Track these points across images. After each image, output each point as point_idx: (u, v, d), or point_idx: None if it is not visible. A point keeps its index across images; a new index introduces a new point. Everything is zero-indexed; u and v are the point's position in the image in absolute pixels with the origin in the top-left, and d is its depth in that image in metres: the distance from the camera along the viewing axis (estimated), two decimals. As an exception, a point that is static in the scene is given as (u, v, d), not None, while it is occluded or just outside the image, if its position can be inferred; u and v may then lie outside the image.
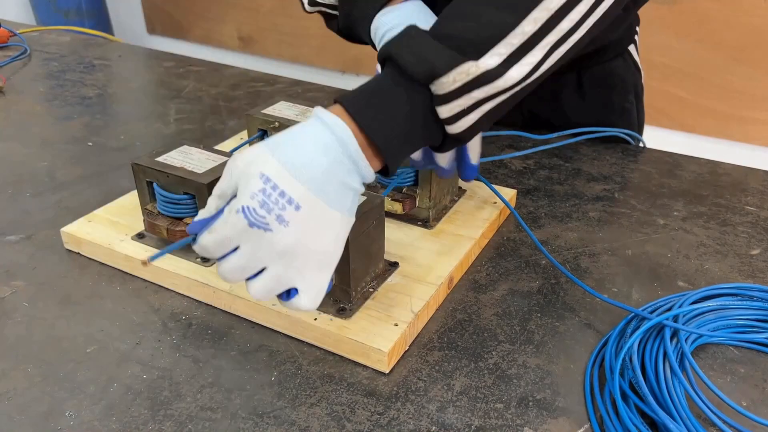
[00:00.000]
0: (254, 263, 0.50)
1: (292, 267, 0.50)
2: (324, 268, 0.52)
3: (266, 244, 0.48)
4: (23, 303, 0.66)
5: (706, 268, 0.72)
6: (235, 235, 0.49)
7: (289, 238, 0.48)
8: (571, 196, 0.86)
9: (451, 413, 0.54)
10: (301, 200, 0.48)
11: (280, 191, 0.48)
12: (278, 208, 0.48)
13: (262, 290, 0.51)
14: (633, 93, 1.03)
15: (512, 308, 0.66)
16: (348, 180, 0.51)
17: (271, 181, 0.48)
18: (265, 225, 0.48)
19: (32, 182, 0.89)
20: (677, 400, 0.51)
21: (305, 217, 0.49)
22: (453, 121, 0.54)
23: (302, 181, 0.48)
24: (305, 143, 0.50)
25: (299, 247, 0.49)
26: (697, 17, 2.04)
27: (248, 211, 0.48)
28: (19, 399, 0.55)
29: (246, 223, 0.48)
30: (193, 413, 0.54)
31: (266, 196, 0.48)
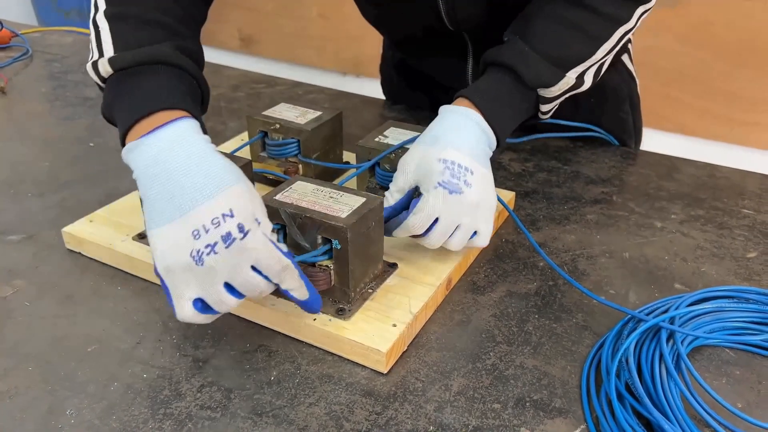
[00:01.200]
0: (452, 224, 0.65)
1: (476, 217, 0.66)
2: (493, 211, 0.69)
3: (461, 204, 0.65)
4: (25, 303, 0.66)
5: (703, 271, 0.72)
6: (438, 205, 0.64)
7: (475, 194, 0.65)
8: (570, 198, 0.87)
9: (448, 413, 0.54)
10: (472, 167, 0.66)
11: (458, 164, 0.65)
12: (462, 175, 0.65)
13: (459, 243, 0.67)
14: (628, 103, 1.04)
15: (510, 310, 0.66)
16: (486, 148, 0.70)
17: (448, 161, 0.65)
18: (458, 189, 0.64)
19: (34, 182, 0.89)
20: (673, 402, 0.52)
21: (478, 177, 0.66)
22: (547, 113, 0.78)
23: (467, 154, 0.66)
24: (455, 130, 0.68)
25: (481, 199, 0.66)
26: (697, 21, 2.04)
27: (445, 183, 0.64)
28: (21, 398, 0.55)
29: (446, 191, 0.64)
30: (192, 412, 0.54)
31: (452, 170, 0.65)
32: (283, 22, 2.93)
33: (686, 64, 2.11)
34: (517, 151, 0.99)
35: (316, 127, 0.80)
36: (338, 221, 0.59)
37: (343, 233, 0.59)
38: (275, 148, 0.82)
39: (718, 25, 2.02)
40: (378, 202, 0.63)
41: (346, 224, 0.59)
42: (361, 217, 0.60)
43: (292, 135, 0.81)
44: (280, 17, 2.92)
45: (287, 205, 0.61)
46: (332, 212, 0.60)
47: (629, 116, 1.05)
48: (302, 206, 0.61)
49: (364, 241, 0.62)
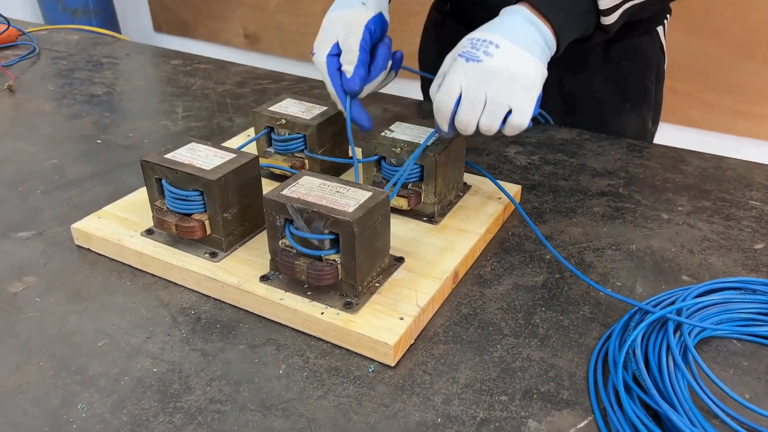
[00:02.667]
0: (477, 96, 0.66)
1: (503, 87, 0.65)
2: (529, 90, 0.67)
3: (479, 71, 0.65)
4: (35, 298, 0.67)
5: (710, 263, 0.72)
6: (456, 75, 0.66)
7: (495, 63, 0.65)
8: (576, 191, 0.86)
9: (456, 405, 0.54)
10: (499, 42, 0.66)
11: (482, 39, 0.66)
12: (483, 47, 0.66)
13: (489, 120, 0.67)
14: (654, 73, 1.05)
15: (517, 302, 0.66)
16: (534, 37, 0.68)
17: (474, 38, 0.67)
18: (476, 57, 0.65)
19: (42, 180, 0.90)
20: (680, 393, 0.52)
21: (504, 51, 0.66)
22: (608, 12, 0.73)
23: (496, 32, 0.67)
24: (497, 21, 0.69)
25: (504, 70, 0.65)
26: (702, 12, 2.03)
27: (463, 53, 0.66)
28: (33, 392, 0.56)
29: (463, 60, 0.66)
30: (202, 406, 0.54)
31: (473, 43, 0.67)
32: (288, 19, 2.93)
33: (692, 57, 2.10)
34: (523, 144, 0.99)
35: (322, 122, 0.80)
36: (345, 215, 0.59)
37: (350, 227, 0.59)
38: (281, 143, 0.82)
39: (724, 17, 2.01)
40: (384, 196, 0.63)
41: (352, 218, 0.59)
42: (367, 211, 0.60)
43: (298, 130, 0.81)
44: (284, 14, 2.92)
45: (294, 200, 0.61)
46: (339, 206, 0.60)
47: (653, 86, 1.06)
48: (309, 201, 0.61)
49: (371, 235, 0.62)
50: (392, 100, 1.17)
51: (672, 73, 2.14)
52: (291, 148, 0.82)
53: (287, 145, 0.82)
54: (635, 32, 1.00)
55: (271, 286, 0.64)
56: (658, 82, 1.06)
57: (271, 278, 0.65)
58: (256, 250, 0.70)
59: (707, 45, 2.07)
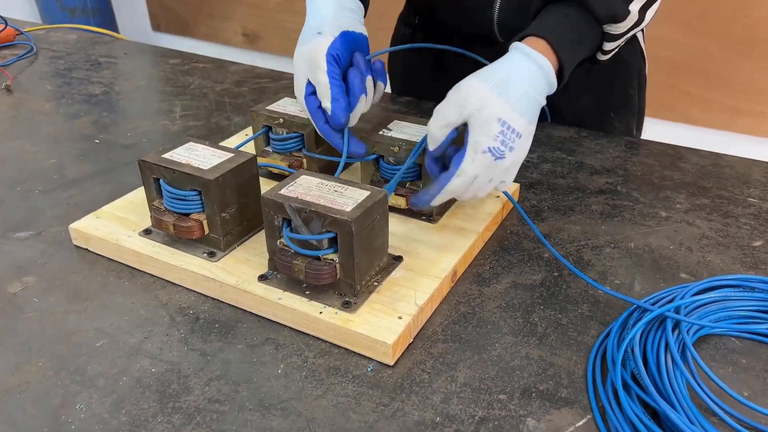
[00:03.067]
0: (488, 183, 0.66)
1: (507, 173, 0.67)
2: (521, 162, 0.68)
3: (499, 166, 0.65)
4: (34, 298, 0.67)
5: (709, 260, 0.72)
6: (481, 171, 0.64)
7: (514, 157, 0.65)
8: (574, 189, 0.87)
9: (455, 404, 0.55)
10: (522, 130, 0.65)
11: (512, 129, 0.64)
12: (510, 141, 0.64)
13: (482, 194, 0.67)
14: (636, 80, 1.05)
15: (515, 301, 0.66)
16: (542, 100, 0.68)
17: (506, 123, 0.64)
18: (502, 155, 0.64)
19: (41, 179, 0.90)
20: (678, 391, 0.52)
21: (524, 141, 0.66)
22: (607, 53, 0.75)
23: (523, 115, 0.65)
24: (521, 82, 0.66)
25: (517, 160, 0.66)
26: (701, 10, 2.03)
27: (494, 150, 0.64)
28: (32, 392, 0.56)
29: (492, 158, 0.64)
30: (201, 405, 0.55)
31: (505, 136, 0.64)
32: (287, 17, 2.93)
33: (691, 54, 2.10)
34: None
35: (320, 121, 0.80)
36: (343, 215, 0.59)
37: (348, 226, 0.59)
38: (279, 142, 0.82)
39: (723, 14, 2.01)
40: (382, 195, 0.63)
41: (350, 217, 0.59)
42: (365, 210, 0.60)
43: (296, 129, 0.81)
44: (283, 13, 2.92)
45: (292, 199, 0.62)
46: (337, 206, 0.61)
47: (635, 93, 1.06)
48: (307, 200, 0.61)
49: (369, 234, 0.62)
50: (389, 98, 1.17)
51: (670, 70, 2.15)
52: (289, 147, 0.82)
53: (285, 145, 0.82)
54: None
55: (269, 286, 0.64)
56: (640, 88, 1.07)
57: (269, 278, 0.66)
58: (255, 249, 0.70)
59: (706, 42, 2.07)
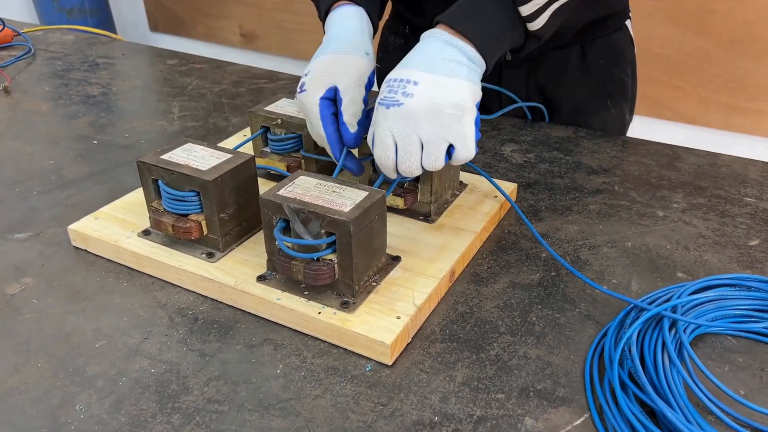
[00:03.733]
0: (409, 139, 0.62)
1: (434, 126, 0.62)
2: (461, 118, 0.62)
3: (403, 115, 0.62)
4: (32, 300, 0.67)
5: (705, 259, 0.73)
6: (383, 126, 0.63)
7: (417, 102, 0.62)
8: (572, 189, 0.87)
9: (453, 403, 0.55)
10: (416, 77, 0.63)
11: (399, 79, 0.63)
12: (401, 88, 0.62)
13: (431, 161, 0.63)
14: (630, 66, 1.07)
15: (513, 300, 0.66)
16: (455, 58, 0.64)
17: (391, 78, 0.64)
18: (396, 102, 0.62)
19: (39, 180, 0.90)
20: (676, 390, 0.52)
21: (424, 86, 0.62)
22: (532, 18, 0.68)
23: (412, 67, 0.64)
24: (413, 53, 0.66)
25: (428, 106, 0.61)
26: (697, 8, 2.04)
27: (382, 99, 0.63)
28: (31, 393, 0.56)
29: (384, 108, 0.63)
30: (200, 406, 0.55)
31: (390, 86, 0.63)
32: (285, 17, 2.93)
33: (687, 53, 2.11)
34: (518, 142, 1.00)
35: (318, 121, 0.80)
36: (341, 215, 0.59)
37: (346, 227, 0.59)
38: (277, 143, 0.83)
39: (719, 13, 2.01)
40: (380, 195, 0.63)
41: (349, 218, 0.59)
42: (363, 210, 0.61)
43: (294, 130, 0.81)
44: (280, 12, 2.92)
45: (290, 200, 0.62)
46: (335, 206, 0.61)
47: (630, 79, 1.07)
48: (305, 201, 0.62)
49: (367, 234, 0.62)
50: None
51: (666, 69, 2.16)
52: (287, 148, 0.83)
53: (283, 145, 0.82)
54: (606, 30, 1.01)
55: (268, 286, 0.65)
56: (633, 74, 1.08)
57: (268, 278, 0.66)
58: (253, 250, 0.70)
59: (703, 41, 2.07)
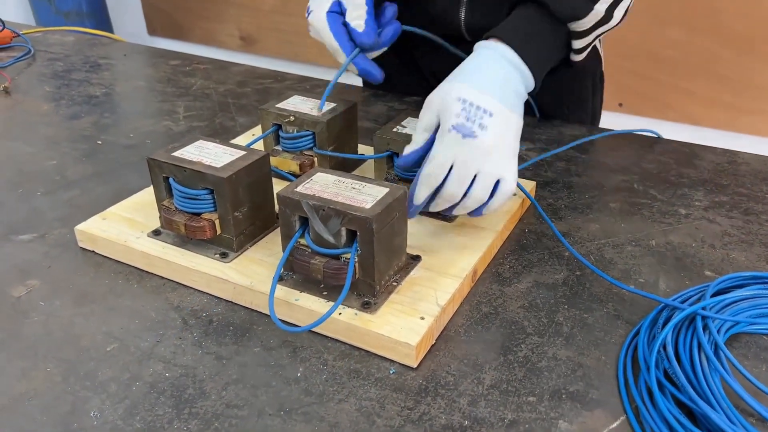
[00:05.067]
0: (468, 171, 0.63)
1: (495, 162, 0.63)
2: (513, 156, 0.65)
3: (475, 149, 0.62)
4: (39, 302, 0.65)
5: (733, 257, 0.71)
6: (450, 151, 0.62)
7: (490, 138, 0.62)
8: (591, 187, 0.85)
9: (483, 407, 0.53)
10: (492, 108, 0.63)
11: (476, 106, 0.63)
12: (478, 118, 0.62)
13: (480, 192, 0.64)
14: (591, 81, 1.06)
15: (538, 300, 0.64)
16: (519, 89, 0.67)
17: (467, 101, 0.63)
18: (472, 133, 0.62)
19: (42, 181, 0.87)
20: (716, 390, 0.50)
21: (497, 120, 0.63)
22: (580, 52, 0.75)
23: (489, 94, 0.63)
24: (483, 67, 0.66)
25: (498, 143, 0.63)
26: (706, 10, 2.02)
27: (458, 126, 0.62)
28: (41, 399, 0.53)
29: (459, 136, 0.62)
30: (219, 411, 0.52)
31: (467, 112, 0.62)
32: (283, 19, 2.91)
33: (693, 53, 2.10)
34: (532, 141, 0.98)
35: (332, 118, 0.79)
36: (363, 212, 0.57)
37: (368, 224, 0.57)
38: (289, 141, 0.80)
39: (726, 13, 2.00)
40: (401, 192, 0.61)
41: (370, 215, 0.57)
42: (385, 207, 0.58)
43: (307, 127, 0.79)
44: (280, 15, 2.91)
45: (309, 196, 0.59)
46: (356, 203, 0.59)
47: (589, 93, 1.07)
48: (325, 198, 0.59)
49: (389, 232, 0.60)
50: (396, 98, 1.15)
51: (673, 71, 2.15)
52: (300, 145, 0.80)
53: (296, 143, 0.80)
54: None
55: (285, 287, 0.62)
56: (596, 88, 1.08)
57: (285, 278, 0.63)
58: (268, 249, 0.68)
59: (709, 41, 2.06)
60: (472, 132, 0.62)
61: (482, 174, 0.63)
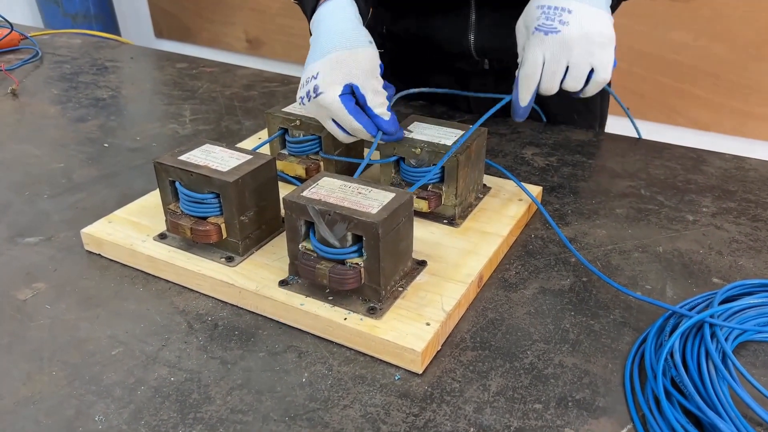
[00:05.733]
0: (559, 64, 0.69)
1: (583, 51, 0.68)
2: (606, 46, 0.69)
3: (560, 42, 0.68)
4: (45, 305, 0.65)
5: (741, 264, 0.70)
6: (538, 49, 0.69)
7: (573, 31, 0.67)
8: (597, 192, 0.84)
9: (488, 414, 0.52)
10: (570, 6, 0.68)
11: (554, 7, 0.68)
12: (557, 15, 0.68)
13: (573, 83, 0.70)
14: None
15: (544, 307, 0.64)
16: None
17: (545, 5, 0.69)
18: (554, 29, 0.68)
19: (49, 184, 0.88)
20: (724, 399, 0.50)
21: (578, 15, 0.68)
22: None
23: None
24: None
25: (582, 34, 0.68)
26: (712, 14, 2.02)
27: (541, 26, 0.68)
28: (46, 403, 0.53)
29: (542, 34, 0.68)
30: (223, 416, 0.52)
31: (547, 13, 0.69)
32: (290, 22, 2.91)
33: (701, 58, 2.09)
34: (539, 145, 0.97)
35: (338, 122, 0.78)
36: (369, 217, 0.57)
37: (374, 229, 0.57)
38: (296, 145, 0.80)
39: (733, 18, 1.99)
40: (407, 197, 0.61)
41: (377, 220, 0.57)
42: (391, 212, 0.58)
43: (313, 131, 0.79)
44: (286, 18, 2.91)
45: (315, 201, 0.59)
46: (362, 208, 0.58)
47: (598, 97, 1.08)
48: (330, 202, 0.59)
49: (395, 237, 0.60)
50: (402, 102, 1.15)
51: (680, 75, 2.14)
52: (306, 149, 0.80)
53: (302, 147, 0.80)
54: None
55: (290, 291, 0.62)
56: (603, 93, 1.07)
57: (290, 283, 0.63)
58: (274, 254, 0.68)
59: (716, 46, 2.06)
60: (554, 28, 0.67)
61: (573, 66, 0.69)
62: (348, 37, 0.71)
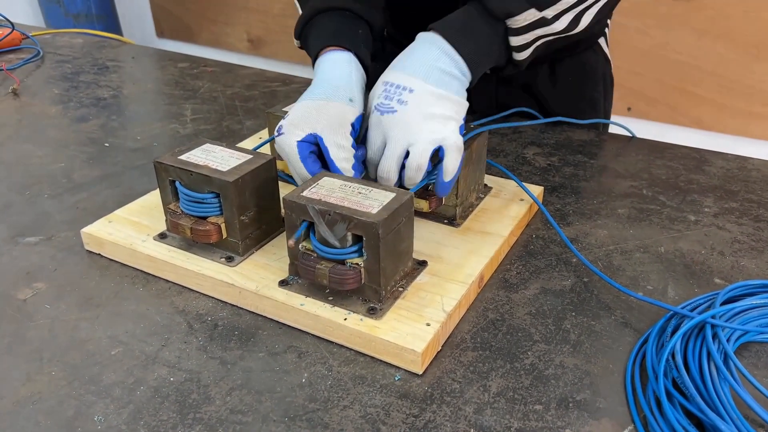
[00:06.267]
0: (399, 146, 0.65)
1: (425, 130, 0.64)
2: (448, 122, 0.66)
3: (397, 123, 0.65)
4: (45, 305, 0.65)
5: (743, 265, 0.70)
6: (375, 128, 0.66)
7: (410, 110, 0.65)
8: (599, 192, 0.84)
9: (489, 415, 0.52)
10: (412, 85, 0.66)
11: (396, 85, 0.66)
12: (397, 95, 0.66)
13: (418, 159, 0.64)
14: (602, 83, 1.07)
15: (545, 307, 0.64)
16: (448, 69, 0.67)
17: (389, 82, 0.67)
18: (391, 109, 0.65)
19: (50, 184, 0.88)
20: (726, 400, 0.49)
21: (419, 95, 0.65)
22: (520, 50, 0.73)
23: (411, 74, 0.66)
24: (413, 53, 0.69)
25: (420, 114, 0.65)
26: (714, 14, 2.01)
27: (379, 106, 0.66)
28: (45, 403, 0.53)
29: (378, 114, 0.66)
30: (223, 416, 0.52)
31: (388, 92, 0.66)
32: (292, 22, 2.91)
33: (703, 58, 2.08)
34: (541, 145, 0.97)
35: (339, 122, 0.78)
36: (369, 217, 0.57)
37: (374, 229, 0.57)
38: (296, 144, 0.80)
39: (735, 18, 1.99)
40: (408, 196, 0.61)
41: (377, 220, 0.57)
42: (392, 212, 0.58)
43: (314, 131, 0.79)
44: (288, 18, 2.91)
45: (315, 201, 0.59)
46: (362, 208, 0.58)
47: (601, 96, 1.08)
48: (331, 202, 0.59)
49: (395, 237, 0.60)
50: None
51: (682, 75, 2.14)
52: (306, 149, 0.80)
53: (302, 147, 0.80)
54: (577, 49, 1.02)
55: (290, 291, 0.62)
56: (606, 91, 1.09)
57: (290, 283, 0.63)
58: (274, 254, 0.68)
59: (719, 46, 2.05)
60: (391, 108, 0.65)
61: (413, 143, 0.64)
62: (329, 89, 0.69)
